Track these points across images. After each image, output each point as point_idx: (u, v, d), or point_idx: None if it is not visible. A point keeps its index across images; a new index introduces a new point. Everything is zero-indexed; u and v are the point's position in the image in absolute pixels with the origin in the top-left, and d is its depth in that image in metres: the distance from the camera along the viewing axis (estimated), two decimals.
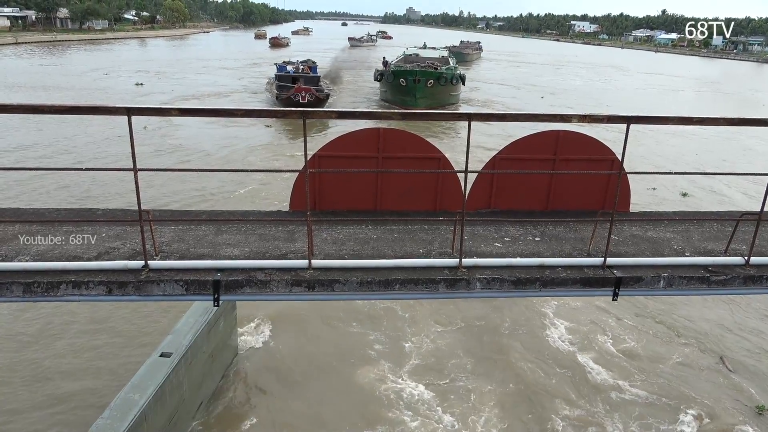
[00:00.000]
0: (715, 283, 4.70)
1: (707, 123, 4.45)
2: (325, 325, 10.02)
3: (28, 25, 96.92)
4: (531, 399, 8.33)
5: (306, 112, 4.18)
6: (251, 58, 67.04)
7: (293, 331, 9.81)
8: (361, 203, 5.78)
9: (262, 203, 15.52)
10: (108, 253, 4.56)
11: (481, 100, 41.10)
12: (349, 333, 9.86)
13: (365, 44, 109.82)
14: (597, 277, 4.60)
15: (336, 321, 10.15)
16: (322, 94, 31.53)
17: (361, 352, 9.30)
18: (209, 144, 23.27)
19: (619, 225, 5.59)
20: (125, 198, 14.82)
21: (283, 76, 34.76)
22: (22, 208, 5.47)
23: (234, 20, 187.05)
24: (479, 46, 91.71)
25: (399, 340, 9.65)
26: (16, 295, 4.13)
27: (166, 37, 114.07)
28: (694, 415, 8.20)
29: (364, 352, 9.29)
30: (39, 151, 21.04)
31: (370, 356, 9.18)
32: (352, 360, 9.11)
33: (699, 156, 25.60)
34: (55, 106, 3.95)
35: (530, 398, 8.34)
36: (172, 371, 6.96)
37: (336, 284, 4.38)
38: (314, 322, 10.06)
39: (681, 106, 44.26)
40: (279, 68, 37.24)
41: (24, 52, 65.52)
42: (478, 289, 4.50)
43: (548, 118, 4.36)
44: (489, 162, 5.79)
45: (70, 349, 9.07)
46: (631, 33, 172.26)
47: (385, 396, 8.27)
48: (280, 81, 34.13)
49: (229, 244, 4.87)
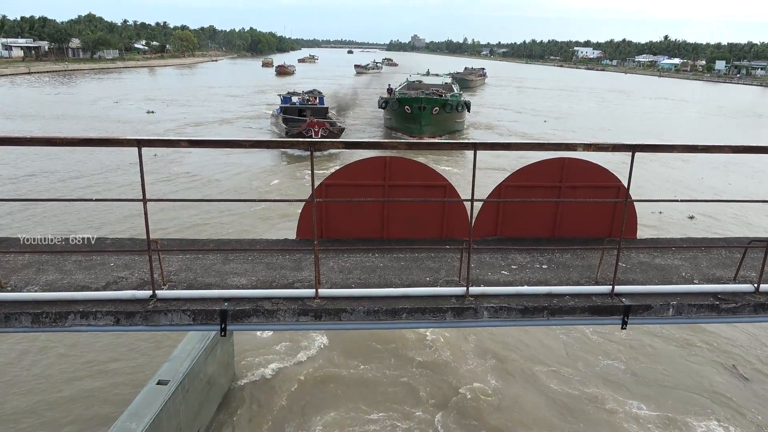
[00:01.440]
0: (725, 311, 4.66)
1: (712, 151, 4.47)
2: (328, 354, 9.93)
3: (40, 55, 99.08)
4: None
5: (313, 142, 4.24)
6: (257, 86, 68.09)
7: (293, 359, 9.73)
8: (368, 231, 5.80)
9: (267, 223, 15.58)
10: (116, 283, 4.59)
11: (483, 123, 41.38)
12: (355, 364, 9.76)
13: (371, 71, 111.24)
14: (605, 306, 4.57)
15: (340, 350, 10.08)
16: (336, 128, 29.03)
17: (368, 386, 9.18)
18: (217, 169, 23.53)
19: (627, 252, 5.57)
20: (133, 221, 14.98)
21: (289, 108, 32.62)
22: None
23: (242, 49, 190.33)
24: (483, 72, 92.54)
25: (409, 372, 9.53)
26: (25, 325, 4.15)
27: (175, 65, 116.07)
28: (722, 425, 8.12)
29: (372, 385, 9.18)
30: (51, 177, 21.36)
31: (376, 390, 9.05)
32: (357, 393, 9.01)
33: (705, 180, 25.55)
34: (67, 138, 4.03)
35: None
36: (169, 399, 6.90)
37: (343, 313, 4.38)
38: (317, 351, 9.98)
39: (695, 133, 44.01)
40: (284, 100, 34.83)
41: (36, 82, 66.83)
42: (485, 317, 4.49)
43: (553, 147, 4.39)
44: (495, 190, 5.81)
45: (65, 376, 9.04)
46: (634, 58, 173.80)
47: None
48: (285, 114, 32.10)
49: (236, 273, 4.89)
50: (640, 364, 9.82)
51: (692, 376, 9.52)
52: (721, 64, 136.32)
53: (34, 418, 8.09)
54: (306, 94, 36.08)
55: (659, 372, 9.61)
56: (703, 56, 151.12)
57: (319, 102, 34.50)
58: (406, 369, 9.59)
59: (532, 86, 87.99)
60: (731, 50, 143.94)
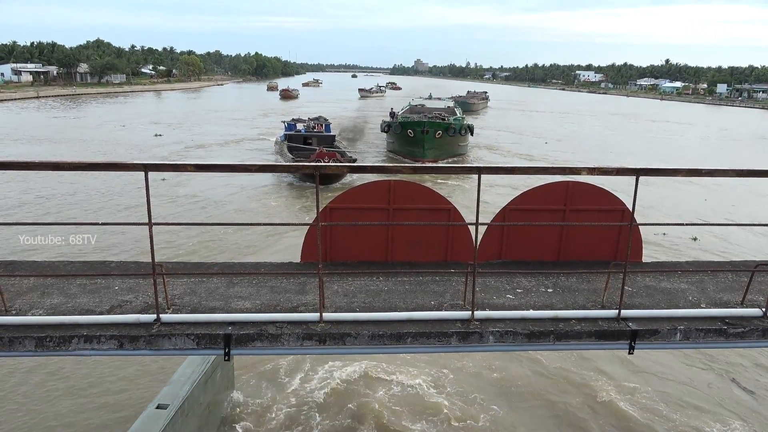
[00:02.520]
0: (733, 335, 4.61)
1: (717, 174, 4.47)
2: (329, 379, 9.83)
3: (49, 79, 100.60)
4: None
5: (319, 166, 4.27)
6: (262, 110, 68.94)
7: (294, 383, 9.63)
8: (372, 254, 5.80)
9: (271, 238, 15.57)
10: (120, 307, 4.58)
11: (484, 145, 41.58)
12: (357, 390, 9.65)
13: (374, 95, 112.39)
14: (612, 330, 4.53)
15: (344, 373, 9.98)
16: (347, 158, 26.98)
17: (371, 413, 9.07)
18: (224, 190, 23.75)
19: (632, 276, 5.54)
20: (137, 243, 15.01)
21: (294, 135, 31.04)
22: (37, 261, 5.53)
23: (247, 73, 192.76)
24: (486, 95, 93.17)
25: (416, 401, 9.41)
26: (29, 349, 4.14)
27: (181, 89, 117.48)
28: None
29: (375, 412, 9.06)
30: (58, 200, 21.56)
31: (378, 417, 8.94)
32: (359, 417, 8.89)
33: (708, 202, 25.49)
34: (74, 163, 4.07)
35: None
36: (168, 423, 6.82)
37: (347, 338, 4.35)
38: (318, 375, 9.88)
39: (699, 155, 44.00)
40: (288, 127, 33.04)
41: (45, 106, 67.67)
42: (491, 342, 4.45)
43: (558, 171, 4.41)
44: (499, 213, 5.82)
45: (62, 400, 8.97)
46: (635, 82, 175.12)
47: None
48: (290, 141, 30.47)
49: (240, 296, 4.87)
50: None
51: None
52: (723, 88, 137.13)
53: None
54: (311, 120, 34.18)
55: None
56: (704, 79, 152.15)
57: (325, 129, 32.92)
58: (412, 391, 9.48)
59: (534, 109, 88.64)
60: (732, 73, 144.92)
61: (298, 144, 29.65)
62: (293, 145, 29.56)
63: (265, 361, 10.06)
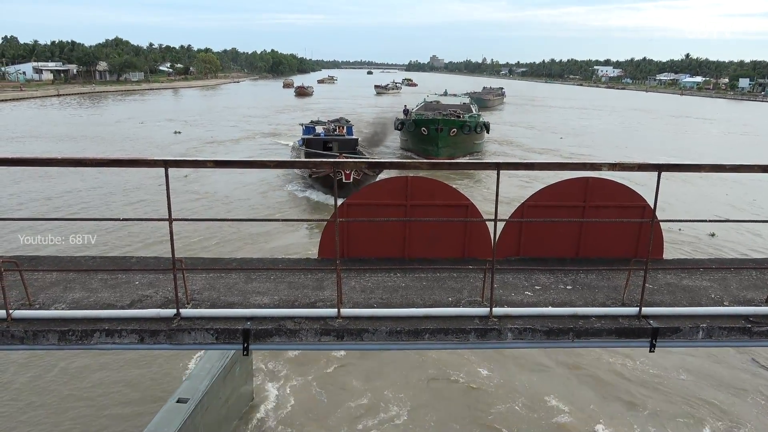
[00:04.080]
0: (757, 334, 4.52)
1: (741, 170, 4.39)
2: (346, 375, 9.86)
3: (69, 78, 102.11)
4: None
5: (337, 162, 4.27)
6: (277, 107, 69.40)
7: (312, 377, 9.68)
8: (390, 251, 5.79)
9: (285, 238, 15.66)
10: (141, 301, 4.63)
11: (499, 139, 41.41)
12: (373, 387, 9.67)
13: (390, 91, 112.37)
14: (633, 328, 4.47)
15: (361, 367, 10.01)
16: (373, 170, 21.52)
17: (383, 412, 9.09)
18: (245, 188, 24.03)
19: (654, 273, 5.46)
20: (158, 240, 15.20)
21: (313, 140, 27.49)
22: (59, 257, 5.62)
23: (263, 70, 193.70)
24: (502, 92, 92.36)
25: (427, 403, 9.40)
26: (52, 343, 4.20)
27: (198, 87, 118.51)
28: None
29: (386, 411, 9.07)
30: (80, 196, 21.92)
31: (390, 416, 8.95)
32: (376, 411, 8.92)
33: (729, 196, 25.08)
34: (96, 159, 4.12)
35: None
36: (188, 417, 6.91)
37: (365, 333, 4.35)
38: (335, 371, 9.91)
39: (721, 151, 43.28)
40: (306, 130, 29.51)
41: (65, 104, 68.71)
42: (509, 339, 4.42)
43: (577, 166, 4.35)
44: (517, 209, 5.76)
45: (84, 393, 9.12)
46: (655, 77, 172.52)
47: None
48: (309, 147, 26.93)
49: (258, 292, 4.90)
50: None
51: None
52: (745, 82, 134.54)
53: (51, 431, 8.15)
54: (331, 123, 30.88)
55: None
56: (725, 74, 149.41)
57: (347, 132, 29.57)
58: (430, 388, 9.47)
59: (551, 105, 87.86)
60: (755, 68, 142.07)
61: (318, 149, 26.38)
62: (312, 150, 26.41)
63: (284, 356, 10.12)
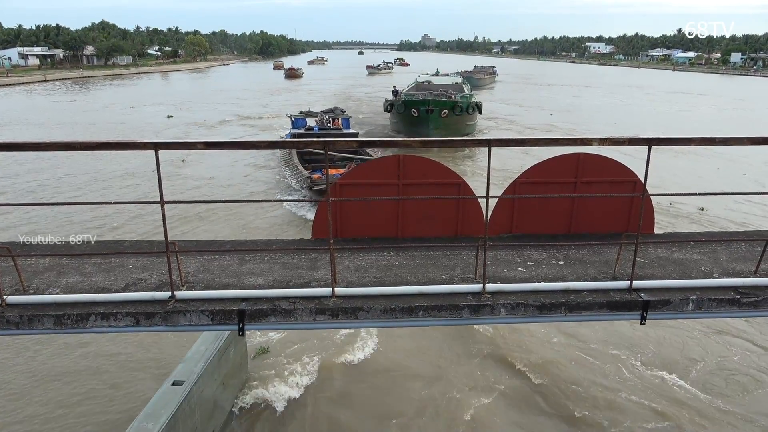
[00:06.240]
0: (746, 305, 4.60)
1: (731, 143, 4.41)
2: (342, 356, 9.95)
3: (56, 62, 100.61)
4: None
5: (328, 142, 4.26)
6: (268, 89, 68.93)
7: (307, 358, 9.77)
8: (383, 230, 5.81)
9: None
10: (135, 285, 4.64)
11: (488, 117, 41.41)
12: (373, 362, 9.78)
13: (383, 72, 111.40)
14: (624, 301, 4.53)
15: (357, 348, 10.10)
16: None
17: (387, 385, 9.21)
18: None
19: (644, 247, 5.52)
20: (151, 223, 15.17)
21: (304, 135, 23.02)
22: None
23: (253, 52, 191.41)
24: (494, 70, 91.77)
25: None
26: (47, 327, 4.22)
27: (188, 70, 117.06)
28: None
29: (393, 385, 9.20)
30: (73, 180, 21.82)
31: (397, 390, 9.08)
32: (375, 392, 9.03)
33: (720, 170, 25.23)
34: (86, 143, 4.09)
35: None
36: (184, 400, 6.97)
37: (360, 312, 4.39)
38: (329, 351, 10.00)
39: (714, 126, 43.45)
40: (295, 122, 25.02)
41: (53, 89, 67.80)
42: (502, 314, 4.47)
43: (568, 142, 4.36)
44: (509, 186, 5.79)
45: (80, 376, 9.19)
46: (647, 53, 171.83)
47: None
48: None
49: (253, 273, 4.92)
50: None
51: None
52: (737, 57, 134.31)
53: (49, 417, 8.21)
54: (325, 114, 26.20)
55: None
56: (718, 49, 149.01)
57: (343, 125, 24.99)
58: (428, 368, 9.59)
59: (543, 83, 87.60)
60: (747, 42, 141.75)
61: (312, 148, 21.87)
62: (305, 150, 22.05)
63: (278, 337, 10.21)
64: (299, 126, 24.91)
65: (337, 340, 10.31)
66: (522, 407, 8.58)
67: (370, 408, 8.58)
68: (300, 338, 10.19)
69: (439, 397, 8.78)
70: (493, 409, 8.51)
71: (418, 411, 8.45)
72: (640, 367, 9.56)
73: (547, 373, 9.32)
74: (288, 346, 10.12)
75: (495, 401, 8.69)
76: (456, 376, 9.32)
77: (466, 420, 8.26)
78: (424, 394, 8.84)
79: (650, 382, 9.11)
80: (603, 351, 10.03)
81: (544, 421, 8.28)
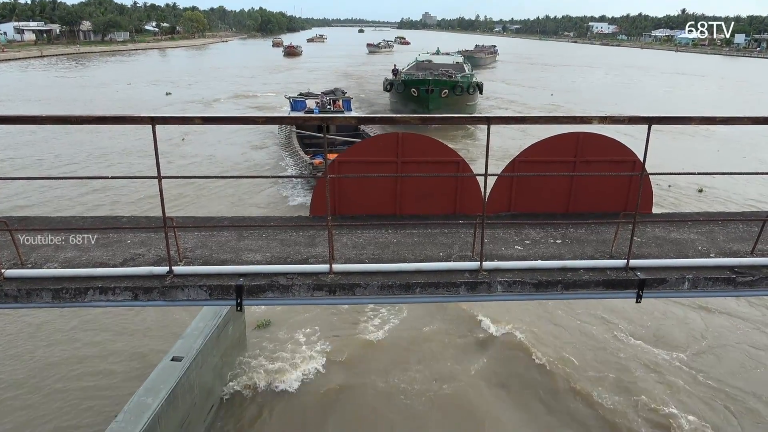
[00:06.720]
0: (741, 284, 4.62)
1: (732, 122, 4.39)
2: (340, 330, 10.03)
3: (52, 38, 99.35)
4: None
5: (326, 118, 4.23)
6: (267, 67, 68.38)
7: (304, 336, 9.85)
8: (381, 208, 5.80)
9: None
10: (133, 260, 4.65)
11: (488, 96, 41.21)
12: (368, 337, 9.87)
13: (383, 50, 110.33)
14: (620, 279, 4.55)
15: (352, 325, 10.18)
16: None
17: (383, 354, 9.30)
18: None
19: (642, 226, 5.52)
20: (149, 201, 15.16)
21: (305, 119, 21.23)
22: (50, 217, 5.60)
23: (252, 29, 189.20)
24: (495, 49, 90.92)
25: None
26: (46, 301, 4.23)
27: (186, 47, 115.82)
28: None
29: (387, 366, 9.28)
30: (68, 158, 21.71)
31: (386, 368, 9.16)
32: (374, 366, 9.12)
33: (721, 153, 25.17)
34: (82, 117, 4.06)
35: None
36: (183, 375, 7.04)
37: (357, 288, 4.40)
38: (324, 327, 10.07)
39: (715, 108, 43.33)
40: (294, 104, 24.12)
41: (50, 65, 67.09)
42: (499, 291, 4.49)
43: (568, 120, 4.33)
44: (508, 165, 5.77)
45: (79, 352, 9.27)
46: (650, 33, 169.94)
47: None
48: (300, 128, 21.45)
49: (250, 249, 4.92)
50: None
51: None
52: (741, 38, 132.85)
53: (50, 392, 8.30)
54: (325, 95, 25.11)
55: None
56: (721, 30, 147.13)
57: (345, 107, 24.20)
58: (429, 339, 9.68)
59: (544, 62, 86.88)
60: (751, 23, 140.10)
61: (313, 133, 21.09)
62: (305, 133, 21.43)
63: (276, 315, 10.27)
64: (298, 108, 24.17)
65: (338, 317, 10.39)
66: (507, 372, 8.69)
67: (372, 385, 8.68)
68: (299, 314, 10.24)
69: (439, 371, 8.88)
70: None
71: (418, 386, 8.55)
72: (633, 342, 9.70)
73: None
74: (287, 322, 10.20)
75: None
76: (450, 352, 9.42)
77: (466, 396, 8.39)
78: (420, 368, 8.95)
79: (642, 357, 9.22)
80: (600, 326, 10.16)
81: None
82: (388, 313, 10.52)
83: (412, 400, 8.31)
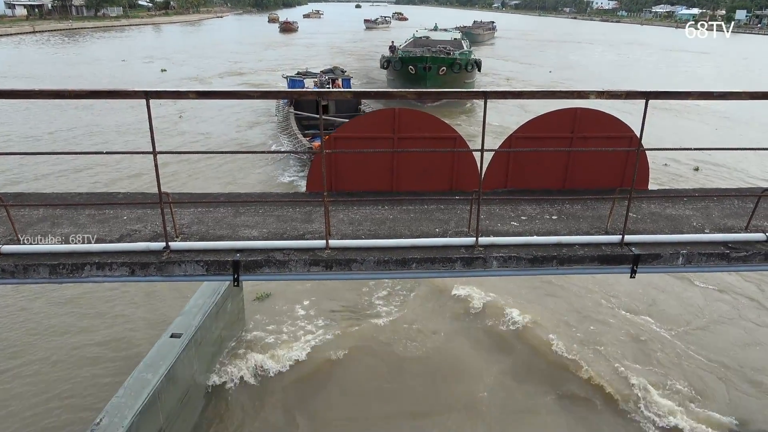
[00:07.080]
0: (735, 259, 4.66)
1: (729, 98, 4.37)
2: (337, 309, 10.10)
3: (44, 13, 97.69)
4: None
5: (322, 92, 4.21)
6: (262, 42, 67.63)
7: (303, 313, 9.92)
8: (378, 184, 5.80)
9: None
10: (130, 236, 4.66)
11: (486, 72, 40.92)
12: (367, 311, 9.95)
13: (381, 26, 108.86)
14: (615, 255, 4.58)
15: (350, 304, 10.25)
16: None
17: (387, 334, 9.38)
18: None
19: (638, 202, 5.54)
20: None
21: (303, 99, 21.47)
22: (46, 193, 5.59)
23: (247, 4, 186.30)
24: (493, 26, 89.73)
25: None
26: (43, 276, 4.25)
27: (180, 22, 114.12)
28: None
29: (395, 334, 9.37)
30: (63, 135, 21.57)
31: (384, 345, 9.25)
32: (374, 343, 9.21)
33: (719, 131, 25.12)
34: (76, 91, 4.02)
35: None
36: (182, 351, 7.11)
37: (353, 263, 4.43)
38: (326, 305, 10.14)
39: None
40: (291, 84, 23.77)
41: (43, 41, 66.09)
42: (494, 267, 4.52)
43: (565, 95, 4.30)
44: (505, 141, 5.75)
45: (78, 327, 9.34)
46: (650, 9, 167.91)
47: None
48: (298, 108, 21.11)
49: (247, 225, 4.94)
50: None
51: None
52: (742, 14, 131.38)
53: (50, 367, 8.38)
54: (324, 74, 25.12)
55: None
56: (723, 5, 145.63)
57: (344, 87, 23.68)
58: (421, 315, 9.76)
59: (543, 39, 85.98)
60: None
61: (310, 112, 20.80)
62: (303, 114, 20.96)
63: (274, 292, 10.33)
64: (295, 87, 23.45)
65: (337, 289, 10.45)
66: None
67: (371, 360, 8.78)
68: (298, 284, 10.27)
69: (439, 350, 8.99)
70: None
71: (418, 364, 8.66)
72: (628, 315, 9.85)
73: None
74: (285, 294, 10.27)
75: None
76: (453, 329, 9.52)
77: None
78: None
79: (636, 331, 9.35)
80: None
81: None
82: (389, 287, 10.62)
83: (412, 371, 8.43)
